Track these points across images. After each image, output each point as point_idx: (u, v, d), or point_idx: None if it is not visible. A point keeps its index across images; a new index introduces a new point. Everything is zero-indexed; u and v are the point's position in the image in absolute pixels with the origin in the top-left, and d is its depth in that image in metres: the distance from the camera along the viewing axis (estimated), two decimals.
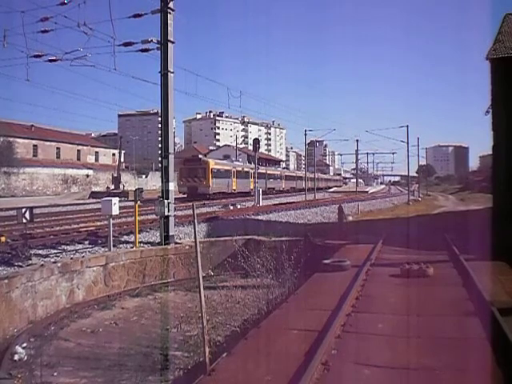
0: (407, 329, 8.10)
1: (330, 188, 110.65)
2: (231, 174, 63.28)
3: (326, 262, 13.70)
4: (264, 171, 74.30)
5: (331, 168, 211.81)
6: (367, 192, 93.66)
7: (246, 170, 68.91)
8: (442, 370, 6.38)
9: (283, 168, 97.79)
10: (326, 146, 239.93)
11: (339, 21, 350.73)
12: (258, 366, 6.67)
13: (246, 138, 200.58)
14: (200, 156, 62.82)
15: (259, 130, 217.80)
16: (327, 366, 6.38)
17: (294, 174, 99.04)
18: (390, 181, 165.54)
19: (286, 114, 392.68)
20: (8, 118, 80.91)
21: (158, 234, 20.17)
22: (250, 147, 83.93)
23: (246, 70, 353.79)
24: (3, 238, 17.66)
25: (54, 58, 22.55)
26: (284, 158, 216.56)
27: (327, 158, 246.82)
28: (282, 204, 45.65)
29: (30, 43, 21.86)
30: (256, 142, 54.26)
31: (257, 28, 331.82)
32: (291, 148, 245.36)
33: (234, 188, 63.15)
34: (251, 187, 63.59)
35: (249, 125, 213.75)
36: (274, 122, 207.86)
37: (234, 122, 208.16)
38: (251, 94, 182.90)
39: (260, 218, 32.48)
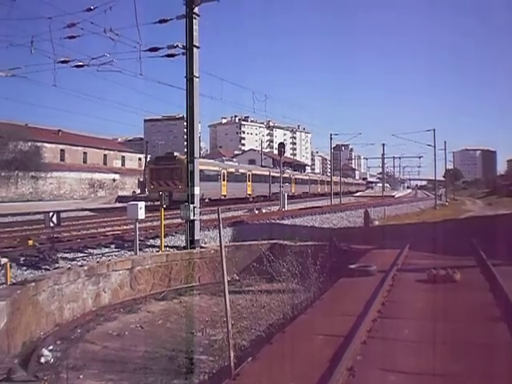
0: (433, 334, 8.00)
1: (353, 192, 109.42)
2: (219, 177, 53.29)
3: (351, 266, 13.61)
4: (267, 173, 68.15)
5: (357, 172, 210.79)
6: (393, 196, 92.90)
7: (242, 171, 60.54)
8: (468, 377, 6.29)
9: (292, 170, 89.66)
10: (351, 150, 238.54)
11: (366, 28, 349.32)
12: (283, 370, 6.65)
13: (272, 142, 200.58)
14: (176, 153, 49.21)
15: (284, 134, 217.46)
16: (353, 372, 6.33)
17: (306, 177, 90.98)
18: (416, 185, 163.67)
19: (312, 117, 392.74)
20: (36, 123, 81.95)
21: (184, 238, 20.24)
22: (276, 151, 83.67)
23: (271, 74, 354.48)
24: (31, 242, 17.86)
25: (81, 63, 22.81)
26: (309, 163, 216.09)
27: (353, 162, 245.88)
28: (307, 208, 45.52)
29: (57, 49, 22.11)
30: (281, 146, 54.27)
31: (282, 32, 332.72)
32: (317, 152, 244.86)
33: (224, 194, 53.68)
34: (248, 192, 60.34)
35: (274, 129, 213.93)
36: (299, 126, 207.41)
37: (260, 127, 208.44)
38: (276, 98, 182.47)
39: (285, 222, 32.44)
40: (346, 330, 8.01)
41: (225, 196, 53.35)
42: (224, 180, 54.09)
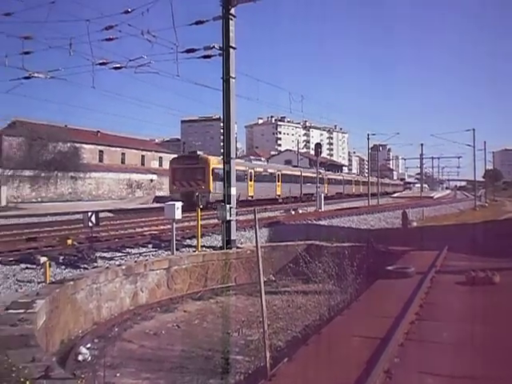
0: (472, 338, 7.87)
1: (390, 193, 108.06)
2: (246, 177, 50.43)
3: (389, 268, 13.49)
4: (297, 173, 65.99)
5: (395, 173, 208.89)
6: (432, 197, 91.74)
7: (270, 171, 58.02)
8: (507, 381, 6.18)
9: (325, 169, 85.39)
10: (389, 150, 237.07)
11: (403, 26, 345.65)
12: (319, 372, 6.61)
13: (308, 142, 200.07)
14: (199, 152, 48.10)
15: (321, 135, 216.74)
16: (389, 375, 6.26)
17: (340, 178, 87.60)
18: (455, 186, 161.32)
19: (349, 118, 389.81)
20: (75, 125, 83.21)
21: (220, 238, 20.29)
22: (312, 152, 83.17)
23: (308, 74, 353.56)
24: (70, 241, 18.09)
25: (119, 65, 23.10)
26: (346, 163, 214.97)
27: (391, 162, 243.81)
28: (344, 209, 45.25)
29: (95, 51, 22.42)
30: (318, 146, 53.94)
31: (319, 31, 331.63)
32: (354, 152, 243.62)
33: (251, 194, 50.94)
34: (278, 193, 57.84)
35: (311, 129, 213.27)
36: (336, 126, 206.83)
37: (296, 127, 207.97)
38: (313, 98, 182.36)
39: (322, 223, 32.31)
40: (383, 331, 7.93)
41: (252, 197, 50.60)
42: (251, 180, 51.57)
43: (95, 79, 24.77)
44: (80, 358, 10.22)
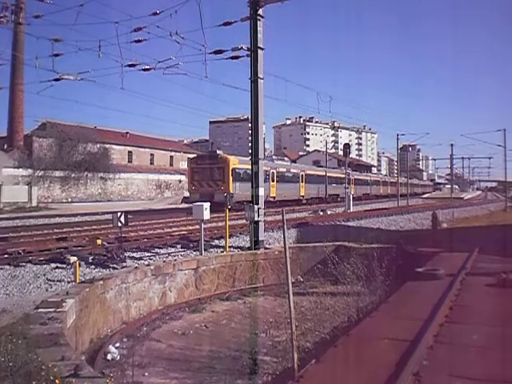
0: (503, 341, 7.74)
1: (419, 194, 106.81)
2: (268, 177, 47.45)
3: (418, 270, 13.34)
4: (322, 173, 64.26)
5: (424, 173, 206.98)
6: (462, 198, 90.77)
7: (294, 171, 55.91)
8: None
9: (352, 170, 79.35)
10: (419, 150, 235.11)
11: (436, 22, 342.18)
12: (347, 374, 6.56)
13: (337, 143, 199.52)
14: (218, 152, 46.60)
15: (350, 135, 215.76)
16: (418, 377, 6.19)
17: (367, 178, 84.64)
18: (486, 187, 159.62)
19: (378, 118, 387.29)
20: (104, 126, 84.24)
21: (248, 238, 20.32)
22: (341, 152, 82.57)
23: (335, 75, 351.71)
24: (99, 241, 18.27)
25: (148, 66, 23.33)
26: (375, 164, 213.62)
27: (420, 162, 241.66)
28: (373, 210, 44.99)
29: (124, 53, 22.63)
30: (346, 147, 53.78)
31: (347, 31, 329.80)
32: (383, 153, 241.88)
33: (273, 195, 48.92)
34: (301, 194, 56.05)
35: (339, 130, 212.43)
36: (365, 126, 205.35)
37: (324, 127, 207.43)
38: (341, 98, 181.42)
39: (350, 224, 32.16)
40: (412, 334, 7.84)
41: (274, 198, 48.60)
42: (273, 180, 49.57)
43: (124, 81, 25.00)
44: (109, 356, 10.31)
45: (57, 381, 5.60)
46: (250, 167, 37.20)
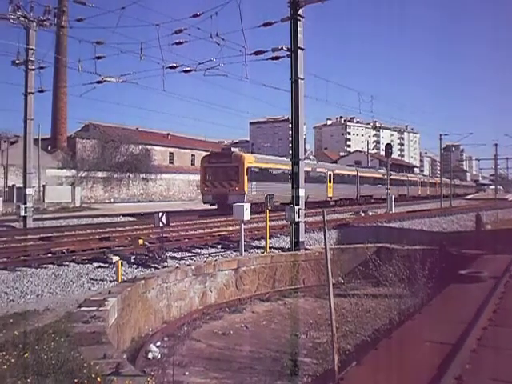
0: None
1: (461, 195, 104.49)
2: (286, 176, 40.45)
3: (462, 272, 13.13)
4: (353, 173, 60.70)
5: (468, 174, 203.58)
6: (507, 199, 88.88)
7: (320, 170, 51.38)
8: None
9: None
10: (462, 150, 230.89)
11: (481, 21, 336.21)
12: (388, 377, 6.48)
13: (378, 143, 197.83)
14: (233, 149, 43.21)
15: (391, 135, 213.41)
16: (461, 381, 6.08)
17: (404, 178, 79.08)
18: None
19: (420, 117, 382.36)
20: (146, 127, 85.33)
21: (288, 239, 20.28)
22: (382, 153, 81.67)
23: (377, 74, 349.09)
24: (141, 241, 18.45)
25: (188, 68, 23.53)
26: (418, 164, 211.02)
27: (464, 163, 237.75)
28: (415, 211, 44.41)
29: (165, 55, 23.03)
30: (388, 147, 53.06)
31: (388, 30, 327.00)
32: (425, 153, 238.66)
33: None
34: (329, 195, 51.59)
35: (381, 130, 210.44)
36: (407, 126, 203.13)
37: (366, 127, 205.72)
38: (383, 98, 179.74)
39: (392, 225, 31.83)
40: (454, 337, 7.72)
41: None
42: None
43: (165, 82, 25.25)
44: (150, 355, 10.40)
45: (98, 379, 5.67)
46: (267, 166, 37.13)
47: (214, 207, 39.49)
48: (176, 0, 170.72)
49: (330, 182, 52.03)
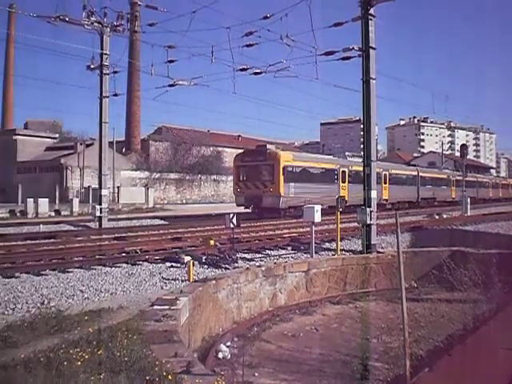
0: None
1: None
2: (337, 177, 41.04)
3: None
4: (413, 173, 55.87)
5: None
6: None
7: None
8: None
9: (453, 170, 71.76)
10: None
11: None
12: None
13: (453, 144, 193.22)
14: (268, 146, 38.81)
15: (467, 136, 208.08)
16: None
17: (473, 179, 70.49)
18: None
19: (497, 117, 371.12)
20: (217, 129, 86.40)
21: (360, 242, 20.07)
22: (457, 154, 79.72)
23: (451, 74, 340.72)
24: (212, 242, 18.66)
25: (259, 70, 23.64)
26: (494, 165, 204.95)
27: None
28: (491, 214, 43.10)
29: (235, 57, 23.14)
30: (463, 148, 51.89)
31: (463, 28, 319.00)
32: (502, 154, 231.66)
33: (346, 199, 35.31)
34: (384, 197, 45.79)
35: (455, 130, 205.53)
36: (482, 126, 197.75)
37: (440, 128, 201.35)
38: (458, 97, 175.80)
39: (467, 228, 31.02)
40: None
41: (346, 202, 37.04)
42: (344, 181, 41.31)
43: (236, 84, 25.48)
44: (220, 355, 10.48)
45: (169, 377, 5.76)
46: (307, 164, 35.91)
47: (249, 210, 36.86)
48: (247, 3, 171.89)
49: (384, 183, 46.76)
